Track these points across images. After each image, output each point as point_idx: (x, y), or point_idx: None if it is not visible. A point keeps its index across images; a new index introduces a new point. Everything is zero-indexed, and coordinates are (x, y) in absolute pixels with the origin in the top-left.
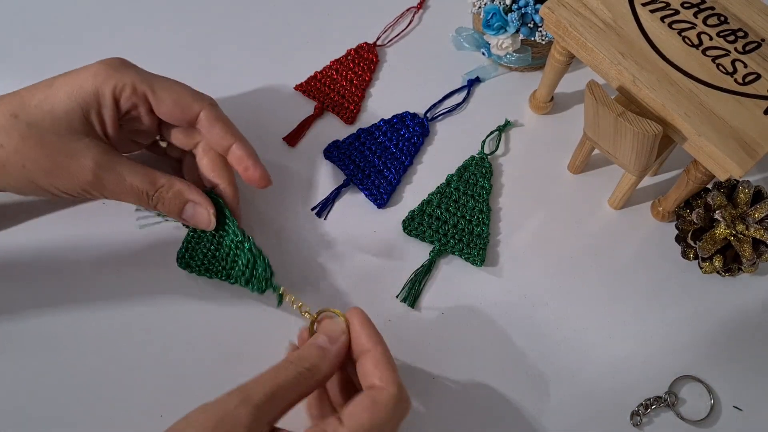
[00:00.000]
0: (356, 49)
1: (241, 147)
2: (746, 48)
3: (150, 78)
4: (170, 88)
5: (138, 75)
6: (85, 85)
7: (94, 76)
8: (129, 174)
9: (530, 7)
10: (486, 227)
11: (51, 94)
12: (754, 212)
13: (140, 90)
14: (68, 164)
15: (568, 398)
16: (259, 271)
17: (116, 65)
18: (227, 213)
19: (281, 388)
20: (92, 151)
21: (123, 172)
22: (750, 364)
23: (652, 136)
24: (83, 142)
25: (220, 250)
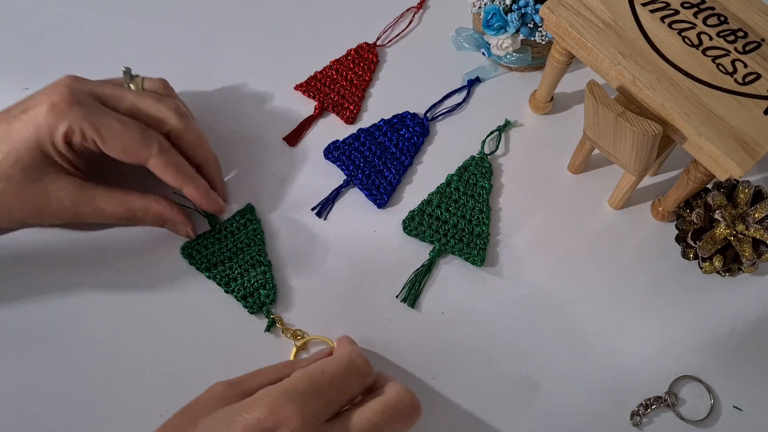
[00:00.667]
0: (356, 49)
1: (191, 189)
2: (746, 48)
3: (99, 119)
4: (118, 136)
5: (86, 117)
6: (38, 133)
7: (46, 119)
8: (106, 204)
9: (530, 7)
10: (486, 227)
11: (13, 145)
12: (754, 212)
13: (88, 135)
14: (49, 206)
15: (568, 398)
16: (261, 295)
17: (66, 104)
18: (260, 229)
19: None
20: (66, 190)
21: (100, 204)
22: (750, 364)
23: (652, 136)
24: (57, 183)
25: (234, 259)
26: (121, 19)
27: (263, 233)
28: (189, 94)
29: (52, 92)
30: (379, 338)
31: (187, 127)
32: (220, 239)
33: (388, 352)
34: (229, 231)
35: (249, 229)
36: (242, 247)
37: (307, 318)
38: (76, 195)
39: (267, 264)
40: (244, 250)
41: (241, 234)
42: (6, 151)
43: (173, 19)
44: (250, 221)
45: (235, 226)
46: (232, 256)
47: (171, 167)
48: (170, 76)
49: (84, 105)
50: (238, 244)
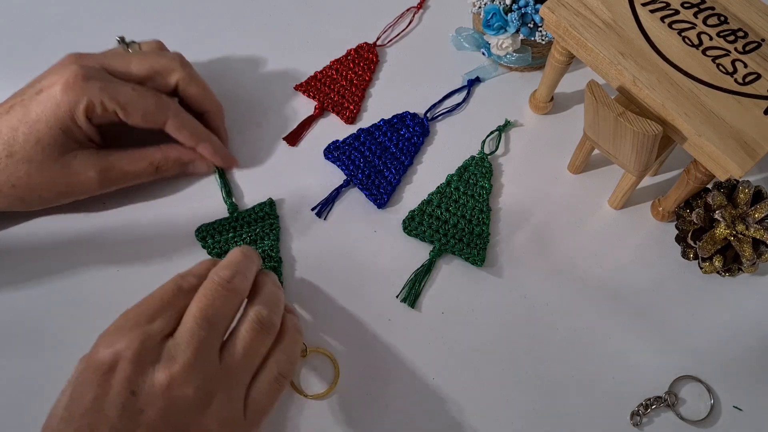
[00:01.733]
0: (356, 49)
1: (205, 146)
2: (746, 48)
3: (117, 90)
4: (137, 103)
5: (105, 91)
6: (58, 111)
7: (65, 97)
8: (129, 164)
9: (530, 7)
10: (486, 227)
11: (32, 127)
12: (754, 212)
13: (110, 108)
14: (77, 182)
15: (568, 398)
16: None
17: (81, 80)
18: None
19: None
20: (89, 162)
21: (124, 166)
22: (750, 364)
23: (652, 136)
24: (79, 157)
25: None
26: (121, 19)
27: (279, 229)
28: None
29: (64, 71)
30: (379, 338)
31: (192, 76)
32: (236, 227)
33: (388, 352)
34: (246, 221)
35: (266, 223)
36: (256, 239)
37: (306, 317)
38: (99, 164)
39: (278, 260)
40: (257, 242)
41: (258, 226)
42: (26, 133)
43: (173, 19)
44: (268, 215)
45: (253, 217)
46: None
47: (186, 128)
48: None
49: (98, 79)
50: (253, 236)
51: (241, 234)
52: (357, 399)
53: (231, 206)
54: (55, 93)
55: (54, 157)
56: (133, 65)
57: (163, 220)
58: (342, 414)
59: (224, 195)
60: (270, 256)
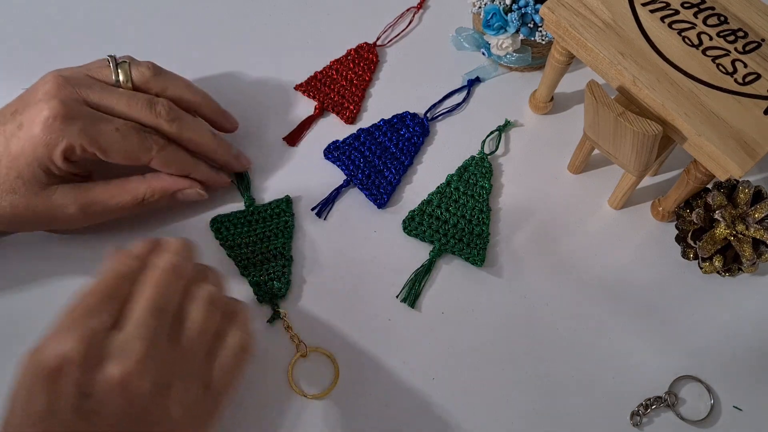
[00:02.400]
0: (356, 49)
1: (195, 175)
2: (746, 48)
3: (98, 132)
4: (117, 145)
5: (83, 132)
6: (36, 152)
7: (43, 138)
8: (111, 198)
9: (530, 7)
10: (486, 227)
11: (12, 162)
12: (754, 212)
13: (88, 149)
14: (57, 215)
15: (568, 398)
16: (274, 287)
17: (61, 121)
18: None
19: None
20: (69, 197)
21: (106, 200)
22: (750, 363)
23: (652, 136)
24: (59, 192)
25: (259, 245)
26: (121, 18)
27: (294, 228)
28: None
29: (44, 105)
30: (379, 338)
31: (182, 129)
32: (250, 222)
33: (388, 352)
34: (262, 216)
35: (281, 220)
36: (270, 235)
37: (306, 317)
38: (80, 199)
39: (288, 258)
40: (270, 239)
41: (273, 223)
42: (8, 166)
43: (173, 19)
44: (284, 212)
45: (268, 213)
46: (257, 242)
47: (172, 164)
48: None
49: (79, 118)
50: (267, 232)
51: (255, 229)
52: (357, 399)
53: (248, 200)
54: (34, 133)
55: (35, 191)
56: (117, 106)
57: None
58: (342, 414)
59: (242, 189)
60: (282, 254)
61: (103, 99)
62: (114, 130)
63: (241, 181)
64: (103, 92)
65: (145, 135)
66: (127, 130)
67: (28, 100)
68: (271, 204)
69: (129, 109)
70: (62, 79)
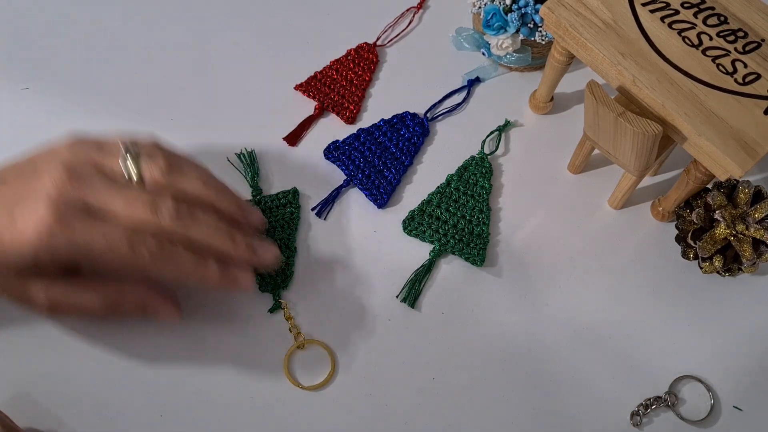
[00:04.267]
0: (356, 49)
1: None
2: (746, 48)
3: (85, 241)
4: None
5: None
6: (22, 249)
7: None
8: (85, 299)
9: (530, 7)
10: (486, 227)
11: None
12: (754, 212)
13: (76, 258)
14: (31, 306)
15: (568, 398)
16: (278, 277)
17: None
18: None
19: None
20: (43, 293)
21: (74, 300)
22: (750, 363)
23: (652, 136)
24: (34, 285)
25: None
26: (122, 18)
27: (299, 220)
28: (189, 94)
29: (40, 204)
30: (379, 338)
31: (188, 230)
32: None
33: (388, 352)
34: (268, 206)
35: (287, 211)
36: (275, 226)
37: (306, 317)
38: (51, 297)
39: (293, 249)
40: (276, 229)
41: (279, 213)
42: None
43: (173, 18)
44: (290, 204)
45: (275, 203)
46: (262, 232)
47: (170, 272)
48: (170, 75)
49: (71, 226)
50: (272, 222)
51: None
52: (357, 399)
53: (255, 190)
54: (25, 235)
55: (11, 277)
56: (117, 207)
57: None
58: (342, 414)
59: (249, 178)
60: (286, 245)
61: (104, 200)
62: (103, 241)
63: (249, 170)
64: (106, 192)
65: (137, 240)
66: (116, 239)
67: (30, 183)
68: (278, 195)
69: (128, 211)
70: (66, 175)
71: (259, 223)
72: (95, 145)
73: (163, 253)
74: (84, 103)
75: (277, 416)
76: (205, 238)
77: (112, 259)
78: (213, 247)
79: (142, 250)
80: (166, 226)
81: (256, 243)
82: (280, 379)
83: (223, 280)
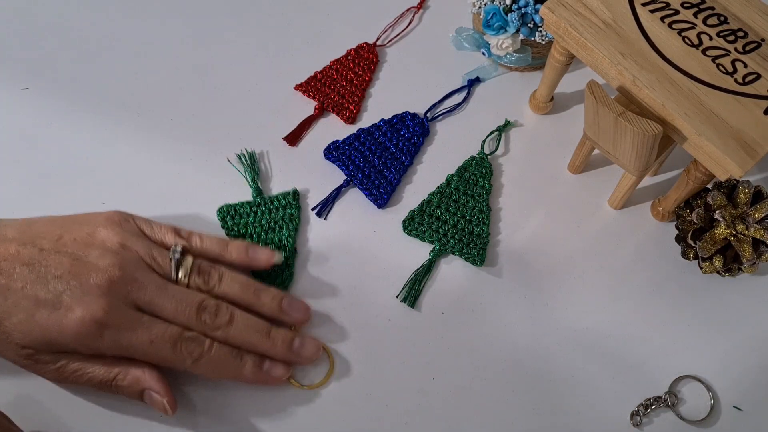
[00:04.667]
0: (356, 49)
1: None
2: (746, 48)
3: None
4: (148, 357)
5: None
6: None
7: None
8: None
9: (530, 7)
10: (486, 227)
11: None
12: (754, 212)
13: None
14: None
15: (568, 398)
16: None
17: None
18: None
19: None
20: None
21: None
22: (750, 363)
23: (652, 136)
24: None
25: (263, 236)
26: (122, 18)
27: (299, 221)
28: (189, 94)
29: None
30: (379, 338)
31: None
32: (256, 212)
33: (388, 352)
34: (268, 208)
35: (286, 213)
36: (275, 227)
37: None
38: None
39: (292, 251)
40: (275, 230)
41: (278, 215)
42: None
43: (173, 18)
44: (291, 205)
45: (275, 204)
46: (262, 233)
47: (210, 373)
48: (170, 75)
49: (117, 327)
50: (272, 224)
51: (260, 220)
52: (357, 399)
53: (255, 191)
54: (69, 324)
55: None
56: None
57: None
58: (342, 414)
59: (249, 179)
60: (285, 247)
61: (153, 302)
62: (148, 343)
63: (249, 171)
64: (155, 294)
65: (179, 346)
66: (161, 343)
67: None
68: (278, 196)
69: (175, 316)
70: (119, 272)
71: (302, 317)
72: (143, 236)
73: (203, 359)
74: (84, 103)
75: (277, 416)
76: (244, 340)
77: (153, 359)
78: (251, 348)
79: (184, 353)
80: (209, 332)
81: (295, 339)
82: None
83: (257, 377)
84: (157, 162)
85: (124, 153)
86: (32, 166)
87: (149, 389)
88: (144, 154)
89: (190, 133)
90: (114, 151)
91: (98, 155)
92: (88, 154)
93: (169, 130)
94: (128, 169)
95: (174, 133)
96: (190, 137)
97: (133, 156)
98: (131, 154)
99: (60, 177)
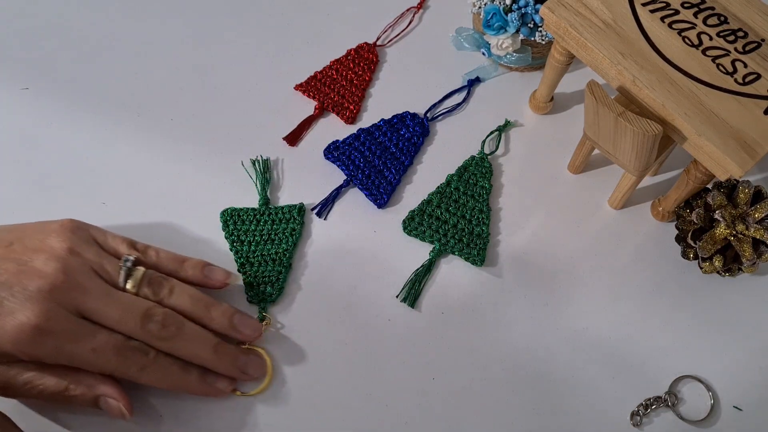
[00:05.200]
0: (356, 49)
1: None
2: (746, 48)
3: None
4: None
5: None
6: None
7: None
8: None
9: (530, 7)
10: (486, 227)
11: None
12: (754, 212)
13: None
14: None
15: (568, 398)
16: (266, 291)
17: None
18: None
19: None
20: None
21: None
22: (750, 363)
23: (652, 136)
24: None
25: (261, 246)
26: (121, 18)
27: (299, 237)
28: (189, 94)
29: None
30: (379, 338)
31: (174, 347)
32: (259, 221)
33: (388, 352)
34: (271, 218)
35: (288, 227)
36: (274, 239)
37: (306, 318)
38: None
39: (287, 266)
40: (275, 242)
41: (280, 227)
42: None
43: (173, 18)
44: (294, 219)
45: (279, 216)
46: (261, 243)
47: (156, 382)
48: (170, 76)
49: (58, 334)
50: (272, 235)
51: (261, 229)
52: (357, 399)
53: (263, 199)
54: (6, 329)
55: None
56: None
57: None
58: (342, 414)
59: (259, 186)
60: (281, 260)
61: (97, 310)
62: (91, 351)
63: (260, 178)
64: (100, 301)
65: (126, 354)
66: (104, 352)
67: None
68: (283, 208)
69: (120, 324)
70: (63, 278)
71: (252, 335)
72: (96, 244)
73: (149, 368)
74: (84, 103)
75: (277, 415)
76: (191, 353)
77: (98, 368)
78: (197, 361)
79: (130, 363)
80: (154, 342)
81: (240, 357)
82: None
83: (202, 389)
84: (157, 162)
85: (124, 153)
86: (32, 166)
87: (103, 395)
88: (144, 154)
89: (190, 133)
90: (114, 151)
91: (98, 155)
92: (88, 154)
93: (169, 130)
94: (128, 169)
95: (174, 133)
96: (190, 137)
97: (133, 156)
98: (131, 154)
99: (60, 177)
